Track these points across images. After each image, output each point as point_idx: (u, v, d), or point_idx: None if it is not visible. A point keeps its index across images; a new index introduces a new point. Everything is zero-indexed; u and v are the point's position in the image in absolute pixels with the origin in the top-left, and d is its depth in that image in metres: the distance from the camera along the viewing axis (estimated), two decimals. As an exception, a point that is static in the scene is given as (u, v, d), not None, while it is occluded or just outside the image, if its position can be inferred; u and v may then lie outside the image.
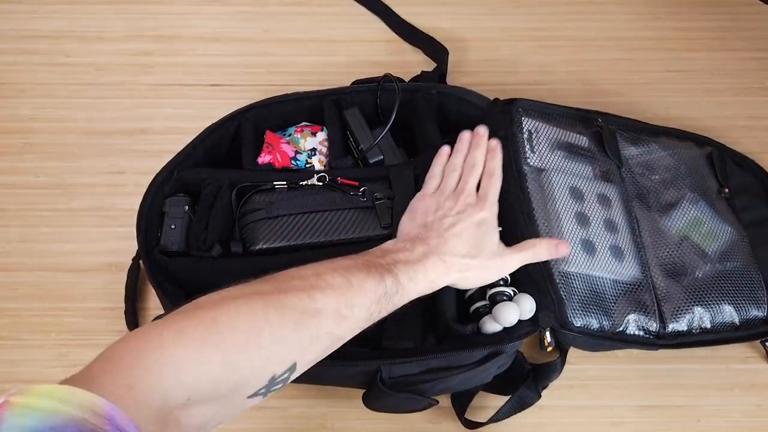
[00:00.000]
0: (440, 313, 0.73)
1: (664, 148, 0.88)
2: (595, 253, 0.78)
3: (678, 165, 0.87)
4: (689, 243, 0.81)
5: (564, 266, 0.76)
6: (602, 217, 0.80)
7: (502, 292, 0.73)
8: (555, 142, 0.84)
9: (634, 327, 0.76)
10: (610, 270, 0.78)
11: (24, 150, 0.93)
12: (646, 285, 0.78)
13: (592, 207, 0.81)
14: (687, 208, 0.84)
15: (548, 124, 0.85)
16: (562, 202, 0.79)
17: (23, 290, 0.85)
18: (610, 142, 0.85)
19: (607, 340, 0.75)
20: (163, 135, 0.94)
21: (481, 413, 0.79)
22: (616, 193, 0.83)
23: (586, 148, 0.85)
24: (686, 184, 0.86)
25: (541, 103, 0.87)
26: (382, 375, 0.69)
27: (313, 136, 0.83)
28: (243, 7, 1.04)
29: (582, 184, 0.82)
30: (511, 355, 0.75)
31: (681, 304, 0.77)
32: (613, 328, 0.75)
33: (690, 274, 0.80)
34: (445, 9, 1.05)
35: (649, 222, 0.82)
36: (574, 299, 0.74)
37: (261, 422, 0.79)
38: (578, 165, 0.83)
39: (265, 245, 0.74)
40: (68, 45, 1.00)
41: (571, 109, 0.88)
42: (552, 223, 0.78)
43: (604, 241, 0.79)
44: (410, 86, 0.86)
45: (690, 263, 0.80)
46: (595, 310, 0.75)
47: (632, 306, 0.76)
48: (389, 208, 0.76)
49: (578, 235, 0.78)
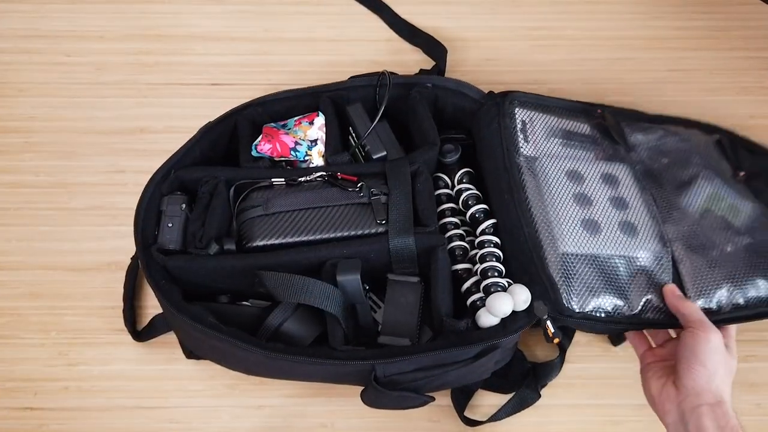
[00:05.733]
0: (434, 309, 0.73)
1: (671, 134, 0.86)
2: (599, 232, 0.75)
3: (688, 148, 0.84)
4: (712, 216, 0.77)
5: (564, 247, 0.74)
6: (607, 195, 0.78)
7: (496, 284, 0.73)
8: (552, 130, 0.83)
9: (653, 308, 0.72)
10: (621, 247, 0.74)
11: (24, 149, 0.93)
12: (666, 261, 0.74)
13: (595, 187, 0.79)
14: (703, 185, 0.80)
15: (545, 114, 0.84)
16: (559, 186, 0.78)
17: (23, 289, 0.85)
18: (615, 128, 0.84)
19: (619, 324, 0.72)
20: (163, 134, 0.94)
21: (481, 411, 0.79)
22: (625, 171, 0.80)
23: (587, 135, 0.84)
24: (699, 163, 0.82)
25: (539, 95, 0.86)
26: (377, 373, 0.69)
27: (311, 125, 0.83)
28: (243, 7, 1.04)
29: (582, 167, 0.80)
30: (509, 350, 0.74)
31: (708, 281, 0.73)
32: (630, 310, 0.72)
33: (717, 247, 0.75)
34: (444, 8, 1.05)
35: (665, 199, 0.79)
36: (578, 282, 0.72)
37: (261, 421, 0.79)
38: (578, 150, 0.82)
39: (262, 242, 0.74)
40: (68, 45, 1.00)
41: (571, 101, 0.87)
42: (548, 207, 0.76)
43: (612, 219, 0.76)
44: (405, 80, 0.86)
45: (716, 236, 0.76)
46: (607, 291, 0.72)
47: (651, 285, 0.73)
48: (385, 204, 0.76)
49: (578, 216, 0.76)
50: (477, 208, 0.79)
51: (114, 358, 0.82)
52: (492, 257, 0.75)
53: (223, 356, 0.75)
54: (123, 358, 0.82)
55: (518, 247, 0.75)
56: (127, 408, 0.80)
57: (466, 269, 0.78)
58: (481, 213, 0.79)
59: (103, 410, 0.79)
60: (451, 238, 0.79)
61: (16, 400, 0.80)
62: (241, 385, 0.80)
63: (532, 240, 0.74)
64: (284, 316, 0.72)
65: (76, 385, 0.81)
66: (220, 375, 0.80)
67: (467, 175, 0.83)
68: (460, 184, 0.82)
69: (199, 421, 0.79)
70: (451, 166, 0.83)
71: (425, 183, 0.78)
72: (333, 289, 0.71)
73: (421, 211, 0.76)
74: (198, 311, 0.71)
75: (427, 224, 0.75)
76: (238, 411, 0.80)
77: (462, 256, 0.79)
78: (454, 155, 0.83)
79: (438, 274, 0.73)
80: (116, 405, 0.80)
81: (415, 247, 0.73)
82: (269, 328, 0.72)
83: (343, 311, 0.71)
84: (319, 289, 0.70)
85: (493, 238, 0.77)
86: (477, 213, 0.79)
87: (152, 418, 0.79)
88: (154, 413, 0.79)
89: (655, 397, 0.68)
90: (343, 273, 0.71)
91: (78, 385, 0.81)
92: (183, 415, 0.79)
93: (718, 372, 0.66)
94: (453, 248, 0.78)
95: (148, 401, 0.80)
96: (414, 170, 0.79)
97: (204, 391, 0.80)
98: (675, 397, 0.66)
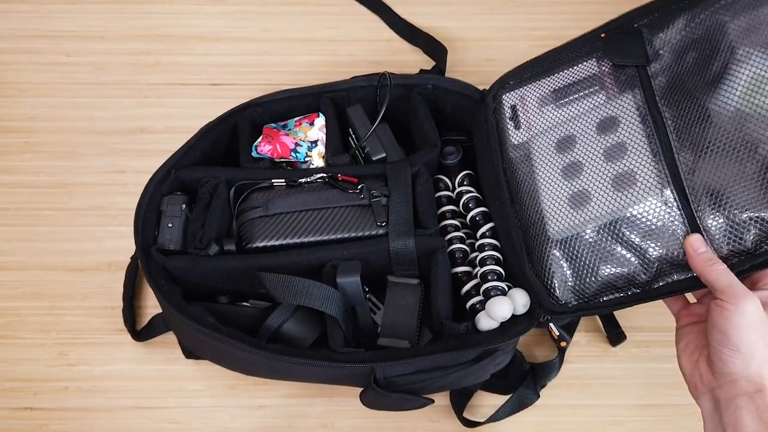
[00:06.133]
0: (434, 311, 0.73)
1: (699, 12, 0.68)
2: (589, 201, 0.67)
3: (717, 24, 0.66)
4: (749, 113, 0.60)
5: (554, 235, 0.69)
6: (602, 149, 0.69)
7: (496, 287, 0.73)
8: (545, 96, 0.76)
9: (669, 270, 0.62)
10: (617, 206, 0.65)
11: (24, 149, 0.93)
12: (674, 205, 0.63)
13: (586, 145, 0.70)
14: (738, 71, 0.62)
15: (539, 80, 0.78)
16: (546, 164, 0.73)
17: (23, 289, 0.85)
18: (628, 41, 0.72)
19: (625, 304, 0.65)
20: (163, 134, 0.94)
21: (480, 412, 0.79)
22: (631, 103, 0.69)
23: (591, 76, 0.74)
24: (732, 40, 0.64)
25: (530, 61, 0.80)
26: (377, 375, 0.69)
27: (311, 126, 0.82)
28: (243, 7, 1.04)
29: (576, 127, 0.72)
30: (508, 352, 0.74)
31: (737, 206, 0.59)
32: (638, 283, 0.64)
33: (754, 157, 0.59)
34: (444, 8, 1.05)
35: (688, 114, 0.64)
36: (582, 268, 0.67)
37: (261, 421, 0.79)
38: (575, 105, 0.74)
39: (262, 243, 0.74)
40: (68, 45, 1.00)
41: (567, 45, 0.79)
42: (540, 195, 0.72)
43: (604, 178, 0.67)
44: (406, 81, 0.86)
45: (754, 141, 0.59)
46: (619, 263, 0.65)
47: (661, 242, 0.63)
48: (385, 206, 0.76)
49: (566, 192, 0.70)
50: (477, 211, 0.79)
51: (114, 358, 0.82)
52: (492, 260, 0.75)
53: (223, 357, 0.75)
54: (123, 358, 0.82)
55: (510, 251, 0.75)
56: (127, 408, 0.80)
57: (466, 272, 0.78)
58: (481, 216, 0.79)
59: (103, 410, 0.79)
60: (452, 240, 0.79)
61: (16, 401, 0.80)
62: (240, 385, 0.81)
63: (518, 243, 0.73)
64: (284, 317, 0.72)
65: (76, 385, 0.81)
66: (220, 375, 0.80)
67: (468, 177, 0.83)
68: (460, 186, 0.82)
69: (198, 422, 0.79)
70: (451, 168, 0.83)
71: (426, 185, 0.78)
72: (333, 290, 0.71)
73: (422, 213, 0.76)
74: (198, 311, 0.71)
75: (427, 226, 0.75)
76: (237, 411, 0.80)
77: (462, 259, 0.79)
78: (454, 157, 0.83)
79: (438, 277, 0.73)
80: (116, 405, 0.80)
81: (415, 249, 0.73)
82: (269, 329, 0.72)
83: (342, 313, 0.71)
84: (319, 290, 0.70)
85: (492, 241, 0.77)
86: (477, 216, 0.79)
87: (152, 418, 0.79)
88: (154, 413, 0.80)
89: (687, 375, 0.59)
90: (343, 275, 0.71)
91: (78, 385, 0.81)
92: (183, 415, 0.79)
93: (757, 352, 0.54)
94: (453, 251, 0.78)
95: (147, 401, 0.80)
96: (414, 172, 0.79)
97: (204, 392, 0.81)
98: (709, 380, 0.57)
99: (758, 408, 0.53)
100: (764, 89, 0.60)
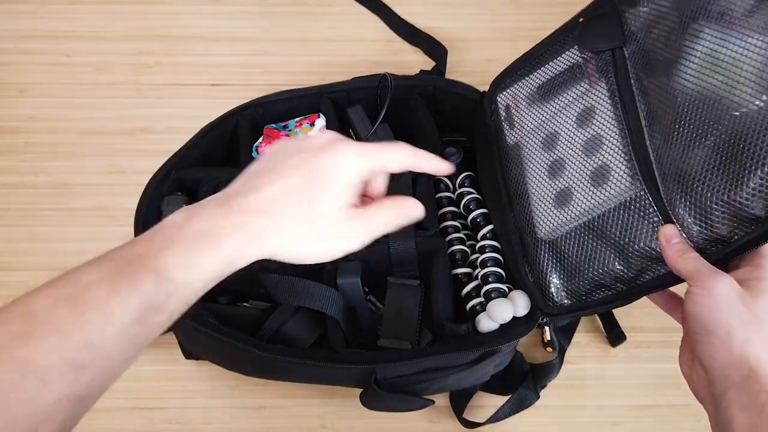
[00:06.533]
0: (434, 312, 0.73)
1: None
2: (571, 198, 0.65)
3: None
4: (704, 89, 0.56)
5: (546, 235, 0.68)
6: (582, 142, 0.66)
7: (497, 289, 0.73)
8: (533, 93, 0.74)
9: (650, 266, 0.59)
10: (598, 199, 0.63)
11: (24, 150, 0.93)
12: (643, 195, 0.60)
13: (567, 141, 0.68)
14: (694, 46, 0.57)
15: (528, 76, 0.76)
16: (534, 163, 0.71)
17: (23, 290, 0.84)
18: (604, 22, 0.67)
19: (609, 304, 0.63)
20: (164, 135, 0.94)
21: (480, 413, 0.79)
22: (605, 90, 0.65)
23: (573, 64, 0.70)
24: (689, 12, 0.58)
25: (518, 60, 0.78)
26: (377, 376, 0.69)
27: (312, 127, 0.82)
28: (243, 7, 1.04)
29: (559, 122, 0.69)
30: (508, 353, 0.75)
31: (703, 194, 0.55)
32: (636, 277, 0.61)
33: (710, 137, 0.54)
34: (445, 9, 1.05)
35: (657, 95, 0.60)
36: (571, 268, 0.66)
37: (262, 421, 0.79)
38: (560, 98, 0.70)
39: (263, 244, 0.74)
40: (68, 45, 1.00)
41: (550, 37, 0.76)
42: (529, 192, 0.71)
43: (583, 174, 0.65)
44: (406, 81, 0.86)
45: (711, 118, 0.55)
46: (602, 261, 0.63)
47: (640, 235, 0.60)
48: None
49: (551, 192, 0.68)
50: (478, 212, 0.79)
51: (114, 359, 0.82)
52: (492, 262, 0.75)
53: (223, 357, 0.75)
54: (123, 359, 0.82)
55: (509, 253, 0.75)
56: (126, 408, 0.80)
57: (467, 273, 0.78)
58: (482, 217, 0.79)
59: (103, 411, 0.79)
60: (452, 241, 0.79)
61: (16, 401, 0.80)
62: (241, 385, 0.81)
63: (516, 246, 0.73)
64: (284, 317, 0.72)
65: (76, 385, 0.81)
66: (220, 376, 0.80)
67: (468, 179, 0.82)
68: (461, 187, 0.82)
69: (198, 422, 0.79)
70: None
71: (426, 186, 0.78)
72: (333, 291, 0.71)
73: (422, 214, 0.76)
74: (198, 311, 0.71)
75: (427, 227, 0.75)
76: (238, 412, 0.80)
77: (462, 260, 0.79)
78: (455, 158, 0.83)
79: (438, 278, 0.73)
80: (116, 405, 0.80)
81: (415, 250, 0.73)
82: (269, 329, 0.72)
83: (343, 314, 0.71)
84: (320, 291, 0.70)
85: (493, 243, 0.77)
86: (478, 217, 0.79)
87: (152, 419, 0.79)
88: (154, 414, 0.79)
89: (688, 381, 0.56)
90: (343, 276, 0.71)
91: (78, 386, 0.81)
92: (183, 415, 0.79)
93: (734, 331, 0.49)
94: (453, 252, 0.78)
95: (147, 401, 0.80)
96: (415, 175, 0.78)
97: (204, 392, 0.81)
98: (705, 380, 0.52)
99: (749, 395, 0.48)
100: (715, 67, 0.55)
